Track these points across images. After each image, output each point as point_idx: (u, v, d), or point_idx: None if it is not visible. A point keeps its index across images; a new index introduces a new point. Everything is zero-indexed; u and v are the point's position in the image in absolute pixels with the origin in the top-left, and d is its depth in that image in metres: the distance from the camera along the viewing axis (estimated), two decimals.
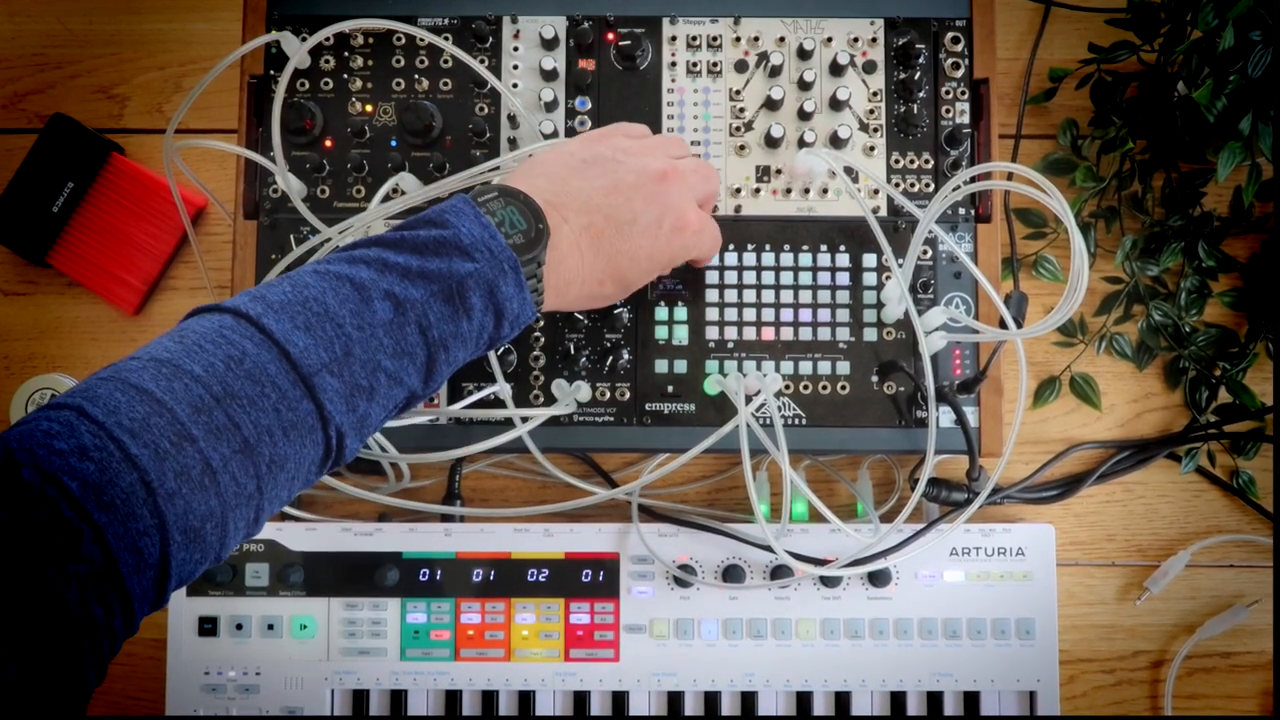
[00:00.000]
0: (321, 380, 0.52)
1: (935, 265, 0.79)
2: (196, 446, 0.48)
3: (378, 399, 0.55)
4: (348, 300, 0.54)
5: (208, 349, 0.51)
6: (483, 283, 0.57)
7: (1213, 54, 0.75)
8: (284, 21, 0.80)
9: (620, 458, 0.88)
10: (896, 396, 0.78)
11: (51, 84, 0.90)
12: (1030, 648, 0.81)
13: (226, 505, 0.49)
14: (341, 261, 0.57)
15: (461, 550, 0.81)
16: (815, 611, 0.81)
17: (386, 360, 0.55)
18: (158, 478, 0.46)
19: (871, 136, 0.80)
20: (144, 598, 0.47)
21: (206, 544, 0.49)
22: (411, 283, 0.56)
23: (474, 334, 0.58)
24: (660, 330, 0.79)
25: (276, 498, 0.53)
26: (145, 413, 0.47)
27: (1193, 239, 0.85)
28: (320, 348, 0.53)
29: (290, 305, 0.53)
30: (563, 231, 0.62)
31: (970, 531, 0.82)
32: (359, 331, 0.54)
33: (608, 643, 0.81)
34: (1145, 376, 0.88)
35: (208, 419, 0.49)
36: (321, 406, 0.52)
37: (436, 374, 0.58)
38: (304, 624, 0.81)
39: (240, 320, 0.53)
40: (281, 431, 0.51)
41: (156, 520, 0.46)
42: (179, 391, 0.49)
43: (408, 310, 0.55)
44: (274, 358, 0.51)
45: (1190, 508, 0.88)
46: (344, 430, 0.54)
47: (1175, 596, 0.87)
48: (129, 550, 0.46)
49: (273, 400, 0.51)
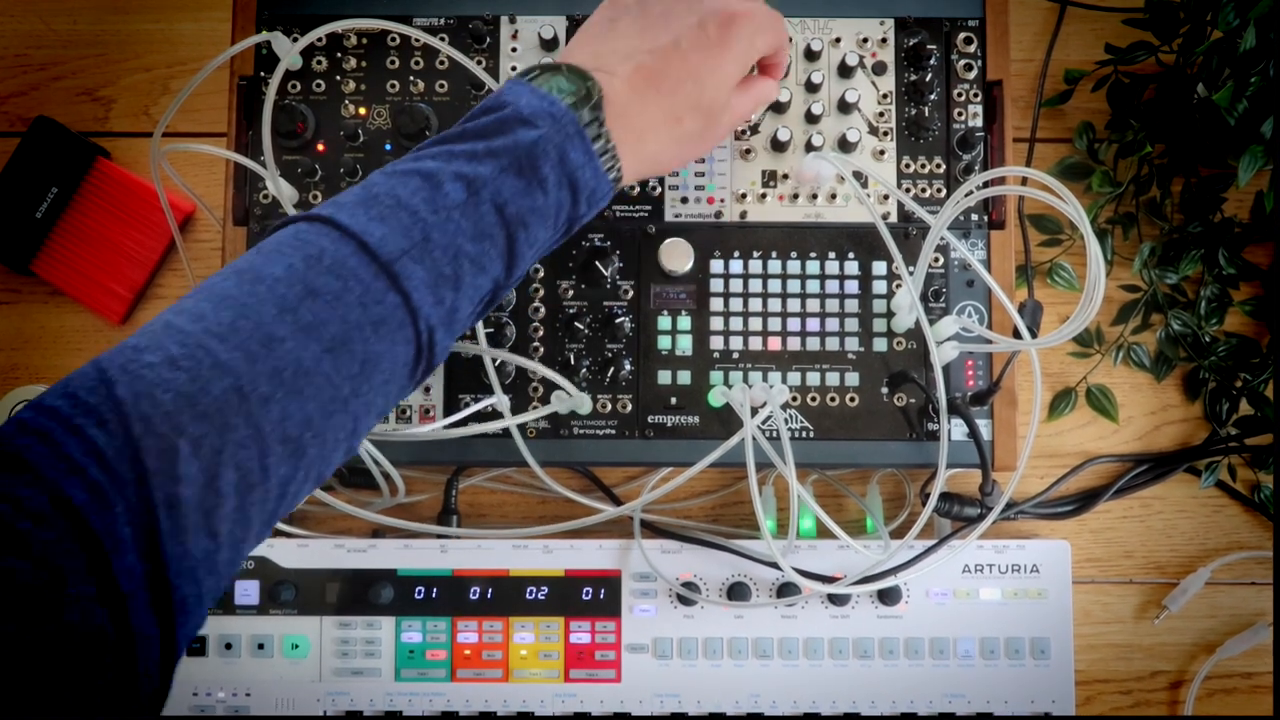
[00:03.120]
0: (404, 267, 0.52)
1: (947, 273, 0.79)
2: (286, 346, 0.48)
3: (464, 289, 0.55)
4: (418, 190, 0.55)
5: (285, 252, 0.51)
6: (551, 150, 0.57)
7: (1234, 55, 0.75)
8: (274, 21, 0.80)
9: (622, 472, 0.87)
10: (907, 408, 0.78)
11: (34, 86, 0.90)
12: (1045, 668, 0.80)
13: (323, 411, 0.50)
14: (406, 160, 0.57)
15: (458, 567, 0.81)
16: (823, 631, 0.80)
17: (467, 244, 0.55)
18: (250, 381, 0.47)
19: (881, 140, 0.80)
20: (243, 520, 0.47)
21: (307, 457, 0.50)
22: (479, 162, 0.56)
23: (552, 210, 0.58)
24: (663, 340, 0.78)
25: (372, 405, 0.53)
26: (231, 316, 0.48)
27: (1213, 246, 0.84)
28: (398, 235, 0.53)
29: (361, 202, 0.54)
30: (613, 84, 0.61)
31: (983, 548, 0.81)
32: (434, 216, 0.54)
33: (609, 663, 0.81)
34: (1164, 388, 0.88)
35: (294, 318, 0.49)
36: (408, 297, 0.53)
37: (519, 257, 0.58)
38: (295, 643, 0.80)
39: (313, 222, 0.54)
40: (371, 327, 0.51)
41: (252, 430, 0.47)
42: (262, 294, 0.49)
43: (480, 189, 0.55)
44: (353, 250, 0.52)
45: (1210, 523, 0.87)
46: (433, 324, 0.54)
47: (1195, 615, 0.86)
48: (229, 465, 0.46)
49: (357, 294, 0.51)
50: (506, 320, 0.78)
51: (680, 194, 0.80)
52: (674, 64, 0.63)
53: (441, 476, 0.86)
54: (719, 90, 0.65)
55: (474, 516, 0.88)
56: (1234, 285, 0.86)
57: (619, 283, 0.79)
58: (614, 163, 0.61)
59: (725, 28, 0.64)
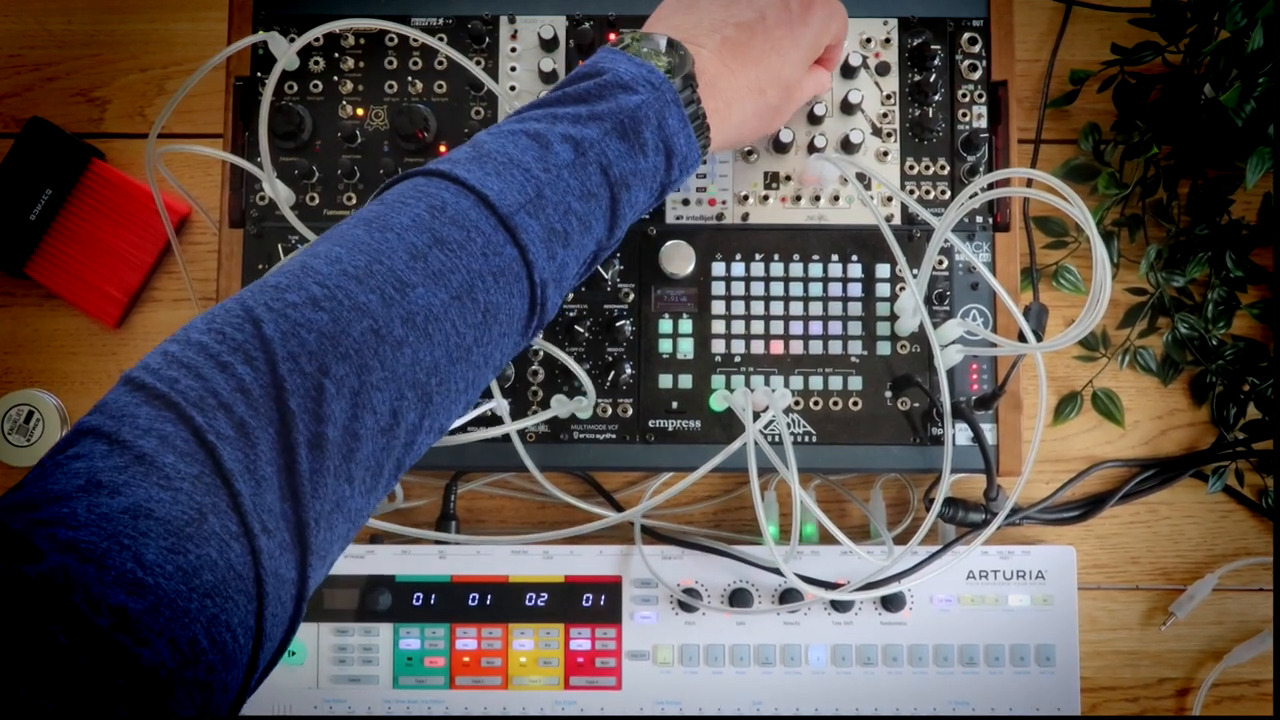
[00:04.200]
0: (521, 220, 0.55)
1: (951, 276, 0.79)
2: (417, 292, 0.50)
3: (572, 247, 0.58)
4: (528, 149, 0.57)
5: (410, 203, 0.54)
6: (651, 115, 0.59)
7: (1241, 55, 0.75)
8: (271, 21, 0.80)
9: (622, 477, 0.87)
10: (911, 413, 0.78)
11: (28, 87, 0.90)
12: (1050, 675, 0.80)
13: (449, 358, 0.51)
14: (510, 122, 0.60)
15: (457, 573, 0.81)
16: (826, 638, 0.80)
17: (575, 202, 0.57)
18: (386, 324, 0.48)
19: (885, 141, 0.80)
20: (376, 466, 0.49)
21: (433, 405, 0.51)
22: (585, 125, 0.58)
23: (649, 173, 0.61)
24: (664, 343, 0.78)
25: (490, 357, 0.55)
26: (366, 260, 0.50)
27: (1220, 248, 0.84)
28: (514, 190, 0.55)
29: (474, 159, 0.56)
30: (703, 55, 0.64)
31: (988, 554, 0.81)
32: (545, 174, 0.56)
33: (609, 670, 0.80)
34: (1170, 392, 0.88)
35: (424, 265, 0.51)
36: (525, 250, 0.55)
37: (621, 218, 0.61)
38: (293, 650, 0.80)
39: (431, 177, 0.56)
40: (492, 277, 0.53)
41: (388, 373, 0.48)
42: (393, 241, 0.51)
43: (587, 150, 0.58)
44: (473, 203, 0.54)
45: (1217, 529, 0.87)
46: (546, 279, 0.56)
47: (1202, 622, 0.86)
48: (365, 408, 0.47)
49: (479, 245, 0.53)
50: None
51: (681, 196, 0.79)
52: (759, 37, 0.66)
53: (440, 481, 0.86)
54: (798, 66, 0.69)
55: (473, 522, 0.88)
56: (1241, 288, 0.86)
57: (619, 285, 0.79)
58: (704, 131, 0.63)
59: (807, 7, 0.68)
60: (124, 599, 0.38)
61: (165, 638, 0.39)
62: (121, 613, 0.38)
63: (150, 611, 0.39)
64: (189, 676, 0.40)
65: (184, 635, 0.40)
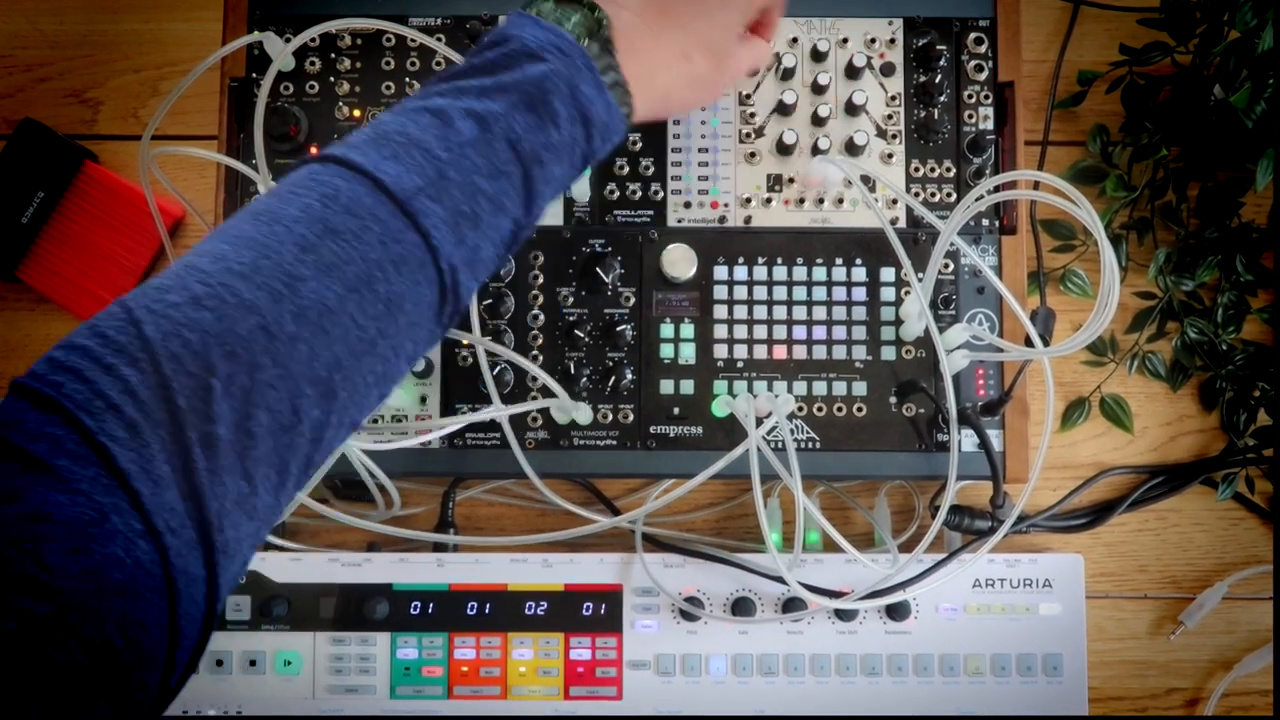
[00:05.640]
0: (420, 204, 0.53)
1: (957, 280, 0.79)
2: (309, 286, 0.49)
3: (483, 228, 0.56)
4: (429, 127, 0.55)
5: (300, 193, 0.52)
6: (561, 84, 0.57)
7: (1251, 55, 0.75)
8: (267, 21, 0.80)
9: (623, 484, 0.87)
10: (916, 419, 0.78)
11: (20, 88, 0.90)
12: (1058, 685, 0.80)
13: (351, 352, 0.50)
14: (414, 99, 0.58)
15: (455, 582, 0.81)
16: (830, 647, 0.80)
17: (483, 181, 0.55)
18: (276, 320, 0.48)
19: (890, 143, 0.79)
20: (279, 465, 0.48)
21: (339, 400, 0.50)
22: (489, 98, 0.56)
23: (566, 145, 0.58)
24: (665, 348, 0.78)
25: (400, 349, 0.54)
26: (252, 256, 0.49)
27: (1230, 252, 0.84)
28: (412, 173, 0.53)
29: (372, 141, 0.55)
30: (623, 17, 0.62)
31: (994, 562, 0.81)
32: (448, 153, 0.54)
33: (610, 680, 0.80)
34: (1180, 397, 0.88)
35: (315, 257, 0.50)
36: (427, 235, 0.53)
37: (537, 195, 0.58)
38: (288, 660, 0.80)
39: (325, 163, 0.54)
40: (392, 266, 0.52)
41: (281, 370, 0.47)
42: (281, 234, 0.50)
43: (492, 125, 0.56)
44: (368, 189, 0.52)
45: (1227, 536, 0.87)
46: (455, 264, 0.55)
47: (1211, 631, 0.86)
48: (260, 406, 0.47)
49: (376, 233, 0.52)
50: (505, 328, 0.78)
51: (683, 198, 0.79)
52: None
53: (438, 488, 0.86)
54: (727, 32, 0.67)
55: (471, 529, 0.87)
56: (1251, 292, 0.86)
57: (620, 289, 0.78)
58: (626, 97, 0.61)
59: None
60: (30, 604, 0.38)
61: (77, 638, 0.39)
62: (27, 616, 0.38)
63: (59, 613, 0.39)
64: (106, 677, 0.40)
65: (97, 635, 0.40)
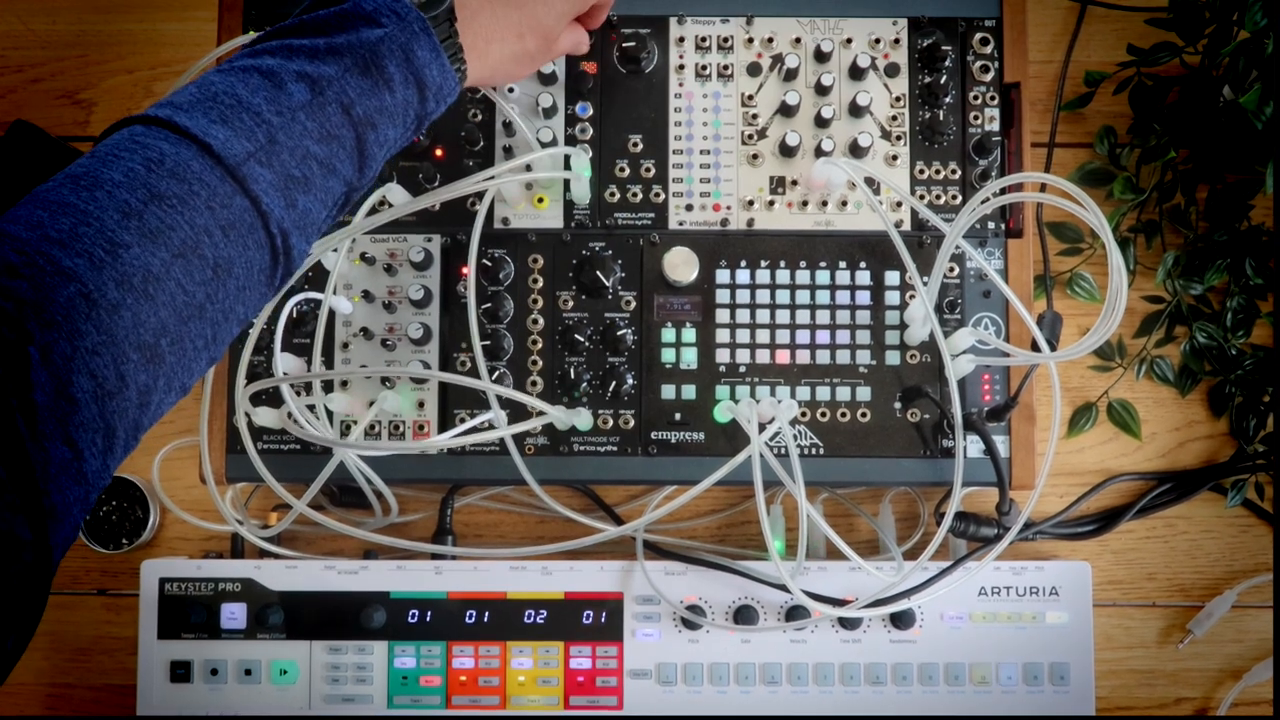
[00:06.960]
0: (250, 170, 0.53)
1: (963, 283, 0.79)
2: (132, 252, 0.48)
3: (314, 191, 0.56)
4: (259, 89, 0.55)
5: (123, 156, 0.51)
6: (396, 48, 0.58)
7: (1261, 56, 0.74)
8: (262, 21, 0.79)
9: (624, 490, 0.87)
10: (921, 424, 0.77)
11: (12, 88, 0.90)
12: (1065, 694, 0.80)
13: (178, 317, 0.50)
14: (244, 57, 0.57)
15: (453, 590, 0.80)
16: (834, 656, 0.80)
17: (314, 145, 0.55)
18: (97, 288, 0.47)
19: (894, 145, 0.79)
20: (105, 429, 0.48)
21: (166, 365, 0.50)
22: (322, 61, 0.56)
23: (399, 108, 0.59)
24: (667, 353, 0.78)
25: (231, 313, 0.54)
26: (71, 224, 0.48)
27: (1239, 255, 0.84)
28: (242, 138, 0.53)
29: (200, 103, 0.54)
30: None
31: (1000, 569, 0.81)
32: (278, 118, 0.54)
33: (610, 689, 0.80)
34: (1188, 403, 0.87)
35: (139, 223, 0.49)
36: (257, 201, 0.53)
37: (370, 158, 0.59)
38: (284, 669, 0.80)
39: (149, 125, 0.53)
40: (221, 231, 0.52)
41: (105, 336, 0.47)
42: (102, 200, 0.49)
43: (325, 89, 0.56)
44: (195, 154, 0.52)
45: (1236, 544, 0.87)
46: (286, 228, 0.54)
47: (1220, 639, 0.86)
48: (82, 373, 0.46)
49: (204, 198, 0.51)
50: (504, 332, 0.78)
51: (685, 201, 0.79)
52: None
53: (436, 495, 0.85)
54: (560, 19, 0.70)
55: (470, 537, 0.87)
56: (1261, 296, 0.85)
57: (621, 293, 0.78)
58: (460, 65, 0.62)
59: None
60: None
61: None
62: None
63: None
64: None
65: None
